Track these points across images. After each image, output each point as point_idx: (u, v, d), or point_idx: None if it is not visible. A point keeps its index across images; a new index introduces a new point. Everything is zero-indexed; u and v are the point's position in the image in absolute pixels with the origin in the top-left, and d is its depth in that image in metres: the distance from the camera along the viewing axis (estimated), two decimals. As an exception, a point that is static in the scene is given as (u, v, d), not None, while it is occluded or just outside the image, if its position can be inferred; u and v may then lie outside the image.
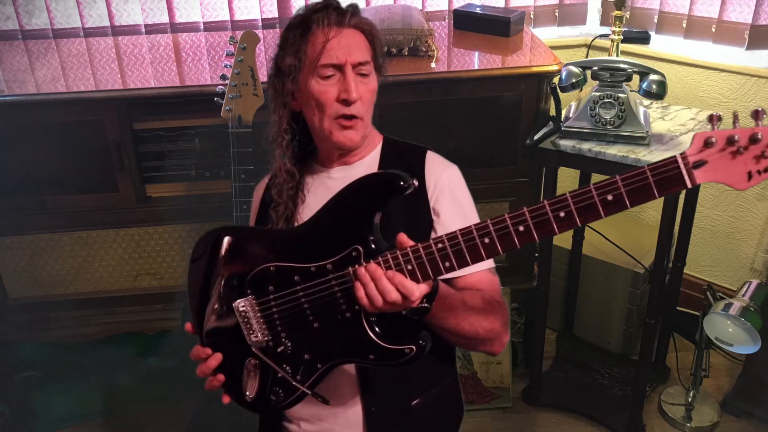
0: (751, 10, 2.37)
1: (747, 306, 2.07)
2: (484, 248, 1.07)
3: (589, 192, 1.00)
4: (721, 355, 2.62)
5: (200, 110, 2.05)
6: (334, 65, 1.26)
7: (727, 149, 0.95)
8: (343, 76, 1.27)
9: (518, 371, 2.55)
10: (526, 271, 2.44)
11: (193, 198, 2.21)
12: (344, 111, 1.27)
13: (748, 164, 0.95)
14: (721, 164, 0.96)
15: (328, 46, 1.25)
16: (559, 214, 1.02)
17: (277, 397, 1.24)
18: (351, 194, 1.16)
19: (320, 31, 1.26)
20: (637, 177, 0.97)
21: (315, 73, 1.27)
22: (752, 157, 0.94)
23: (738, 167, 0.95)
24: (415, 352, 1.12)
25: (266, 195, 1.44)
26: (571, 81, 2.04)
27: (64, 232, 2.24)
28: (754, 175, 0.95)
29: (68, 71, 2.22)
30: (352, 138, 1.30)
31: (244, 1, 2.56)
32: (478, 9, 2.47)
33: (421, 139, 1.43)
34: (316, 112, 1.30)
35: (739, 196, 2.58)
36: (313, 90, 1.28)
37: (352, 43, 1.27)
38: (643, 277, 2.45)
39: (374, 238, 1.13)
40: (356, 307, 1.14)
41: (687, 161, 0.96)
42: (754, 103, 2.44)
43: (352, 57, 1.26)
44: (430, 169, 1.34)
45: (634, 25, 2.64)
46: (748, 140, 0.94)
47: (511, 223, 1.05)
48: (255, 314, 1.23)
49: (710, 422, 2.35)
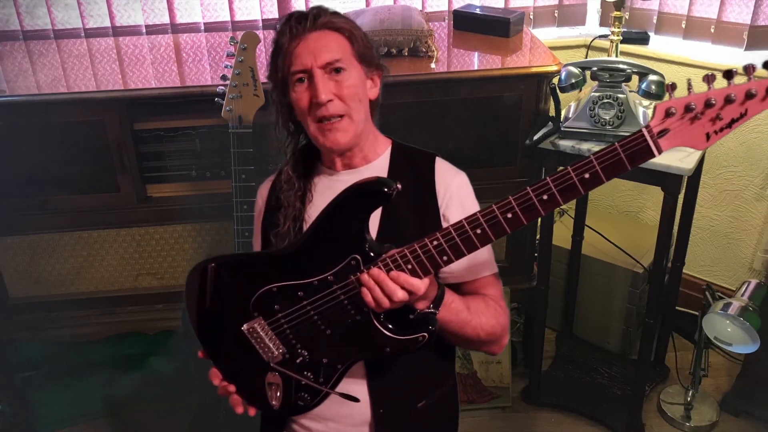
0: (750, 10, 2.38)
1: (746, 306, 2.07)
2: (477, 238, 1.13)
3: (568, 174, 1.08)
4: (720, 354, 2.63)
5: (201, 110, 2.06)
6: (301, 71, 1.29)
7: (686, 116, 1.04)
8: (311, 79, 1.29)
9: (518, 371, 2.55)
10: (526, 270, 2.44)
11: (194, 198, 2.21)
12: (320, 113, 1.29)
13: (705, 127, 1.04)
14: (682, 130, 1.05)
15: (295, 53, 1.29)
16: (543, 197, 1.10)
17: (304, 401, 1.29)
18: (340, 205, 1.19)
19: (288, 43, 1.30)
20: (609, 154, 1.05)
21: (291, 82, 1.31)
22: (708, 120, 1.03)
23: (697, 130, 1.04)
24: (428, 337, 1.18)
25: (271, 196, 1.45)
26: (570, 81, 2.05)
27: (65, 232, 2.25)
28: (711, 136, 1.04)
29: (69, 72, 2.23)
30: (338, 140, 1.31)
31: (245, 2, 2.56)
32: (478, 10, 2.47)
33: (421, 139, 1.44)
34: (303, 119, 1.33)
35: (738, 196, 2.59)
36: (293, 99, 1.32)
37: (318, 45, 1.29)
38: (642, 276, 2.46)
39: (369, 244, 1.17)
40: (365, 310, 1.18)
41: (652, 132, 1.05)
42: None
43: (318, 59, 1.28)
44: (440, 175, 1.37)
45: (634, 26, 2.64)
46: (703, 105, 1.03)
47: (499, 212, 1.11)
48: (267, 333, 1.26)
49: (709, 421, 2.36)
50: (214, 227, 2.28)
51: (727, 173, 2.59)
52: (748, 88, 1.01)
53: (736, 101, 1.01)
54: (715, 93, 1.02)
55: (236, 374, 1.32)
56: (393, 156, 1.41)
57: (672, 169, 1.89)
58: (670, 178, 1.91)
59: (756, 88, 1.01)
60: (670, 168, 1.89)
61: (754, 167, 2.52)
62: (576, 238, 2.55)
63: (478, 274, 1.35)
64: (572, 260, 2.60)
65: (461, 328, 1.27)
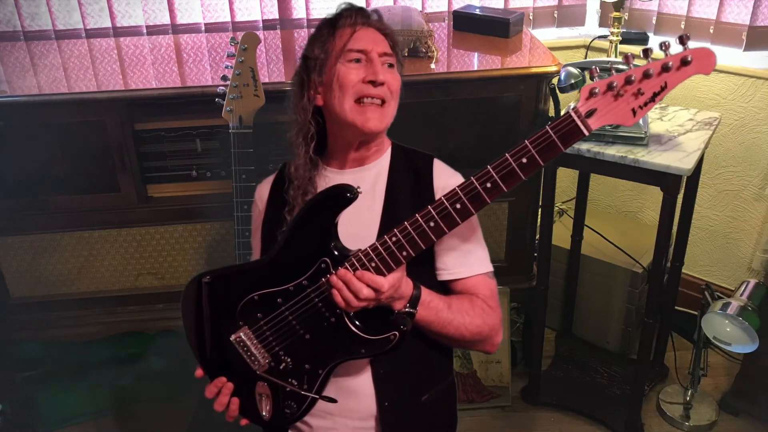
0: (749, 11, 2.38)
1: (745, 305, 2.08)
2: (432, 231, 1.19)
3: (506, 160, 1.13)
4: (719, 354, 2.63)
5: (201, 111, 2.07)
6: (360, 50, 1.33)
7: (608, 94, 1.09)
8: (369, 62, 1.33)
9: (517, 370, 2.56)
10: (526, 270, 2.45)
11: (194, 198, 2.22)
12: (370, 91, 1.32)
13: (630, 103, 1.09)
14: (608, 108, 1.10)
15: (355, 36, 1.34)
16: (486, 185, 1.16)
17: (290, 409, 1.33)
18: (307, 213, 1.25)
19: (347, 26, 1.35)
20: (542, 138, 1.11)
21: (342, 58, 1.34)
22: (632, 95, 1.09)
23: (622, 107, 1.10)
24: (399, 336, 1.22)
25: (274, 195, 1.46)
26: (570, 82, 2.05)
27: (66, 232, 2.25)
28: (637, 111, 1.10)
29: (70, 72, 2.24)
30: (374, 121, 1.33)
31: (245, 3, 2.57)
32: (478, 10, 2.48)
33: (421, 139, 1.46)
34: (338, 95, 1.33)
35: (737, 197, 2.60)
36: (340, 72, 1.33)
37: (377, 37, 1.36)
38: (641, 276, 2.47)
39: (337, 247, 1.22)
40: (338, 311, 1.23)
41: (579, 113, 1.10)
42: (752, 104, 2.45)
43: (378, 47, 1.35)
44: (438, 175, 1.40)
45: (633, 27, 2.65)
46: (623, 82, 1.08)
47: (449, 204, 1.18)
48: (252, 342, 1.32)
49: (708, 421, 2.37)
50: (215, 227, 2.29)
51: (726, 173, 2.59)
52: (665, 62, 1.07)
53: (654, 75, 1.07)
54: (634, 70, 1.08)
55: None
56: (393, 156, 1.44)
57: (671, 170, 1.90)
58: (670, 178, 1.92)
59: (671, 61, 1.06)
60: (669, 168, 1.90)
61: (752, 167, 2.53)
62: (575, 238, 2.56)
63: (471, 270, 1.37)
64: (572, 260, 2.60)
65: (443, 327, 1.30)
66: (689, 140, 2.02)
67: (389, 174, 1.41)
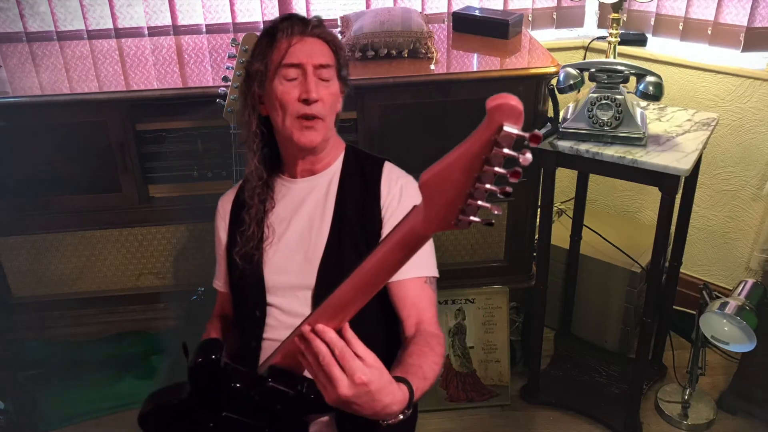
0: (746, 12, 2.39)
1: (743, 305, 2.09)
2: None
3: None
4: (717, 353, 2.64)
5: (202, 111, 2.08)
6: (295, 65, 1.34)
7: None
8: (304, 77, 1.34)
9: (516, 370, 2.57)
10: (525, 270, 2.46)
11: (195, 198, 2.23)
12: (305, 110, 1.34)
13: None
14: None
15: (290, 50, 1.35)
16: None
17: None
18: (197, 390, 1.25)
19: (284, 38, 1.36)
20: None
21: (279, 74, 1.35)
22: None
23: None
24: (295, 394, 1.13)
25: (236, 206, 1.49)
26: (568, 83, 2.06)
27: (67, 232, 2.26)
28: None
29: (72, 73, 2.25)
30: (312, 138, 1.37)
31: (246, 4, 2.58)
32: (477, 12, 2.49)
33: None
34: (279, 112, 1.37)
35: (735, 197, 2.61)
36: (277, 90, 1.35)
37: (314, 49, 1.37)
38: (640, 276, 2.48)
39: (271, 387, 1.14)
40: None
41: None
42: (749, 105, 2.47)
43: (313, 59, 1.35)
44: (385, 179, 1.42)
45: (631, 28, 2.66)
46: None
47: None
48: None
49: (706, 420, 2.38)
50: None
51: (724, 174, 2.60)
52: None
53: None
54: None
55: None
56: (345, 160, 1.46)
57: (669, 170, 1.91)
58: (668, 178, 1.93)
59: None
60: (667, 168, 1.91)
61: (750, 168, 2.54)
62: (574, 238, 2.57)
63: (404, 272, 1.23)
64: (570, 260, 2.61)
65: (425, 389, 1.18)
66: (687, 141, 2.04)
67: (340, 181, 1.42)
